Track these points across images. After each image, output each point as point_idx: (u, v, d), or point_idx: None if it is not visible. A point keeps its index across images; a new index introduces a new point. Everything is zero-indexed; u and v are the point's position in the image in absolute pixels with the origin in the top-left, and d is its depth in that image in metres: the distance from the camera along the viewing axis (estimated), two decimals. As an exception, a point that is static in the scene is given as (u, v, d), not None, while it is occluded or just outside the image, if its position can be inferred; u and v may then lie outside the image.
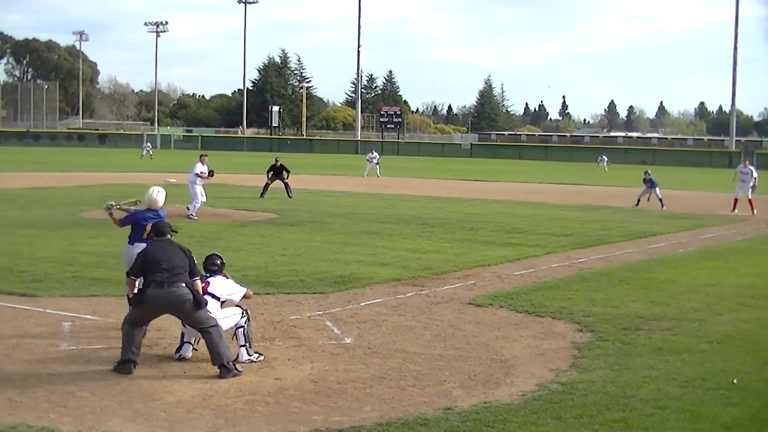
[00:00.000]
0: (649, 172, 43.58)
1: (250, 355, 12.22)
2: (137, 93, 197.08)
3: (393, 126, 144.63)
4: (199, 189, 31.92)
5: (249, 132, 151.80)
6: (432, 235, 27.35)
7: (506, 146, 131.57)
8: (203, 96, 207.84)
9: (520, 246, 25.12)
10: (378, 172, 62.55)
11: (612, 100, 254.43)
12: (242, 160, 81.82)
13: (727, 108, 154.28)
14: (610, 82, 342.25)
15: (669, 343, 13.53)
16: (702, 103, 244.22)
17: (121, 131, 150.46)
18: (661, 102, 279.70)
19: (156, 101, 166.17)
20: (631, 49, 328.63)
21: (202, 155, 33.92)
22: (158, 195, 14.38)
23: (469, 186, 54.90)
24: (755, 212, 37.81)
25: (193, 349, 12.51)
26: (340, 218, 31.42)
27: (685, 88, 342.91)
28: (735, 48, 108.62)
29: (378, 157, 64.63)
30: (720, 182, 47.13)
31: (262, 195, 39.31)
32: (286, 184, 40.20)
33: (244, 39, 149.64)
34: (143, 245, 13.24)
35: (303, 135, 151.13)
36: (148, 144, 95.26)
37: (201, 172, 32.20)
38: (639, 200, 41.83)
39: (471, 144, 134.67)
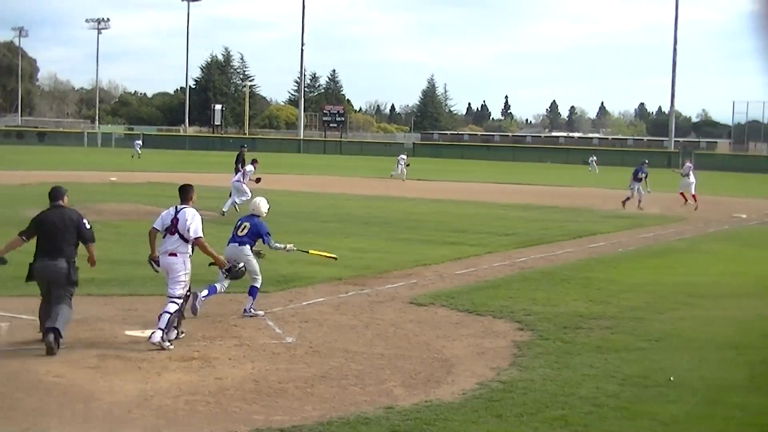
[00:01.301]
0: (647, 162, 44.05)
1: (162, 341, 12.73)
2: (78, 90, 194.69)
3: (336, 125, 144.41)
4: (246, 187, 33.50)
5: (191, 130, 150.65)
6: (374, 235, 27.38)
7: (449, 146, 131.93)
8: (145, 94, 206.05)
9: (462, 245, 25.22)
10: (404, 176, 60.77)
11: (554, 101, 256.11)
12: (184, 159, 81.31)
13: (666, 109, 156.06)
14: (552, 82, 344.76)
15: (608, 342, 13.67)
16: (642, 104, 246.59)
17: (61, 129, 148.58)
18: (602, 102, 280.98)
19: (97, 99, 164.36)
20: (573, 50, 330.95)
21: (254, 160, 35.53)
22: (261, 203, 16.80)
23: (411, 185, 54.98)
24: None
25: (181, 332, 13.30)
26: (281, 217, 31.27)
27: (626, 89, 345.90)
28: (674, 50, 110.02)
29: (407, 158, 63.60)
30: (659, 182, 47.61)
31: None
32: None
33: (187, 37, 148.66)
34: (235, 243, 15.67)
35: (246, 134, 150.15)
36: (139, 142, 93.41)
37: (249, 172, 34.06)
38: (639, 201, 40.54)
39: (414, 143, 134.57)
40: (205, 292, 15.13)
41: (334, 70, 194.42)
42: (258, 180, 34.21)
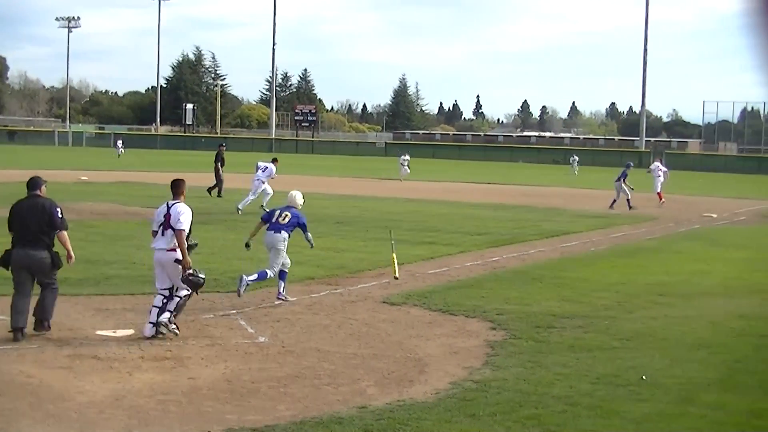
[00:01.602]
0: (631, 164, 43.53)
1: (168, 323, 13.38)
2: (48, 89, 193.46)
3: (308, 124, 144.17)
4: (266, 186, 34.35)
5: (163, 130, 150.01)
6: (347, 234, 27.37)
7: (421, 145, 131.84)
8: (116, 93, 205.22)
9: (435, 245, 25.25)
10: (403, 175, 60.65)
11: (525, 100, 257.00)
12: (156, 158, 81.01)
13: (637, 109, 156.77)
14: (524, 82, 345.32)
15: (581, 341, 13.71)
16: (613, 104, 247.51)
17: (32, 128, 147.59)
18: (574, 102, 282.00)
19: (68, 98, 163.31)
20: (545, 49, 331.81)
21: (274, 159, 36.82)
22: (297, 195, 17.82)
23: (383, 185, 55.00)
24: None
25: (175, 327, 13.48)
26: (253, 216, 31.16)
27: (597, 89, 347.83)
28: (645, 50, 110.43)
29: (407, 158, 63.17)
30: (632, 182, 47.91)
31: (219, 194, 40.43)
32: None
33: (158, 36, 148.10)
34: (272, 231, 16.77)
35: (217, 133, 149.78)
36: (121, 141, 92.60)
37: (270, 171, 34.89)
38: (629, 202, 40.18)
39: (386, 143, 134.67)
40: (253, 276, 16.25)
41: (305, 70, 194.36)
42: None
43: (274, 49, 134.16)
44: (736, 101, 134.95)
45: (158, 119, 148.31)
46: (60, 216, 13.54)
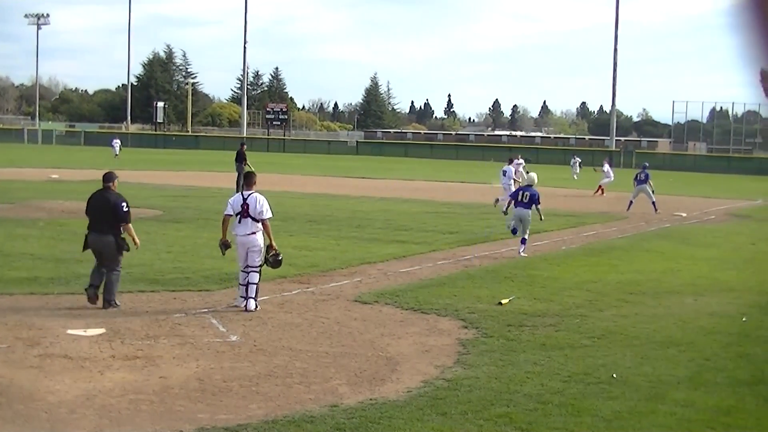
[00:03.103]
0: (647, 165, 42.73)
1: (256, 308, 15.37)
2: (18, 87, 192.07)
3: (279, 123, 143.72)
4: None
5: (133, 128, 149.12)
6: (318, 233, 27.35)
7: (392, 144, 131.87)
8: (86, 91, 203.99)
9: (406, 243, 25.28)
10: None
11: (496, 99, 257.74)
12: (126, 157, 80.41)
13: (607, 108, 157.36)
14: (495, 81, 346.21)
15: (552, 339, 13.77)
16: (584, 103, 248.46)
17: (1, 126, 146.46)
18: (545, 101, 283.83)
19: (37, 95, 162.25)
20: (516, 49, 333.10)
21: (510, 159, 40.34)
22: (534, 175, 25.36)
23: (355, 183, 54.93)
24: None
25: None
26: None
27: (568, 88, 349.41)
28: (615, 50, 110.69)
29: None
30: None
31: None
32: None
33: (129, 33, 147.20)
34: (521, 207, 23.89)
35: (188, 131, 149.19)
36: (117, 141, 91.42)
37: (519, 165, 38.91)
38: (631, 202, 39.73)
39: (357, 141, 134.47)
40: (522, 248, 23.54)
41: (277, 68, 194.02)
42: None
43: (245, 47, 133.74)
44: (705, 101, 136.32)
45: (129, 117, 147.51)
46: (125, 210, 15.67)
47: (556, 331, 14.41)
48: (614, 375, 11.61)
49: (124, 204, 15.72)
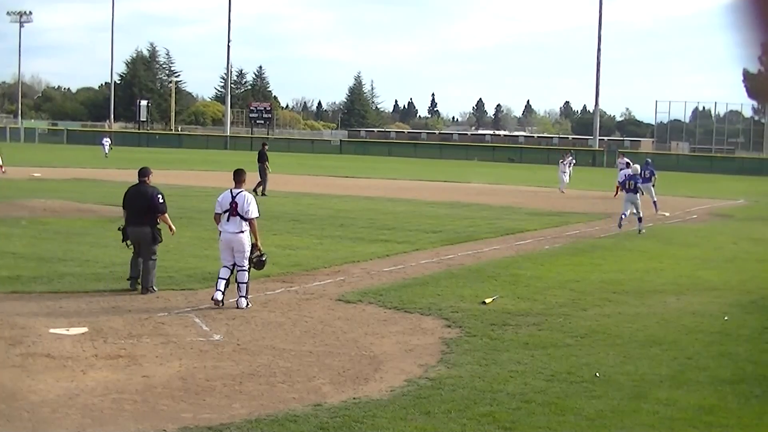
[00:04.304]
0: (650, 161, 42.07)
1: (247, 305, 15.57)
2: (0, 84, 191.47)
3: (263, 122, 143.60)
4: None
5: (116, 126, 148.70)
6: (302, 232, 27.33)
7: (376, 143, 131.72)
8: (69, 89, 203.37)
9: (390, 242, 25.28)
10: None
11: (480, 99, 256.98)
12: (110, 155, 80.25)
13: (591, 108, 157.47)
14: (479, 80, 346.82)
15: (535, 338, 13.80)
16: (567, 103, 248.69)
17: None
18: (528, 101, 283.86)
19: (20, 93, 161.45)
20: (499, 48, 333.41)
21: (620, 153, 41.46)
22: (638, 166, 32.47)
23: (339, 182, 54.88)
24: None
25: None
26: (209, 214, 30.98)
27: (551, 87, 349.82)
28: (599, 50, 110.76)
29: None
30: (586, 180, 48.46)
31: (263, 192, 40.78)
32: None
33: (112, 31, 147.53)
34: (631, 192, 30.04)
35: (171, 130, 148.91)
36: (107, 140, 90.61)
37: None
38: (655, 204, 38.64)
39: (341, 140, 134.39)
40: (641, 225, 29.68)
41: (260, 67, 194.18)
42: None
43: (229, 46, 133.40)
44: (688, 101, 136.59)
45: (112, 116, 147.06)
46: (161, 201, 17.02)
47: (540, 330, 14.44)
48: (597, 374, 11.65)
49: (160, 196, 17.11)
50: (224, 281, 15.62)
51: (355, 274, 19.80)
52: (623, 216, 30.52)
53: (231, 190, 16.15)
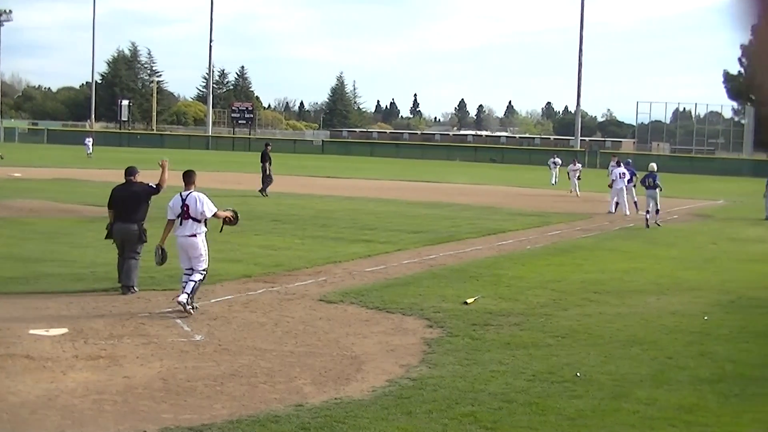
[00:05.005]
0: (630, 161, 41.91)
1: (188, 304, 14.84)
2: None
3: (245, 122, 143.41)
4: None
5: (98, 126, 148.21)
6: (284, 232, 27.31)
7: (358, 143, 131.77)
8: (50, 88, 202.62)
9: (372, 243, 25.28)
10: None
11: (462, 99, 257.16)
12: (92, 155, 79.98)
13: (572, 108, 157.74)
14: (461, 81, 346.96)
15: (517, 338, 13.82)
16: (549, 104, 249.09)
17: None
18: (510, 101, 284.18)
19: (0, 93, 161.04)
20: (481, 49, 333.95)
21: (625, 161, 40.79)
22: (654, 165, 34.39)
23: (321, 182, 54.87)
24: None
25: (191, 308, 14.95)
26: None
27: (533, 88, 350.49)
28: (580, 51, 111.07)
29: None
30: (566, 181, 48.47)
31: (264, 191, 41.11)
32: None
33: (93, 30, 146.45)
34: (651, 189, 32.78)
35: (153, 130, 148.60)
36: (90, 140, 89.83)
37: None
38: (648, 212, 36.03)
39: (323, 140, 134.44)
40: (657, 217, 32.06)
41: (242, 67, 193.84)
42: None
43: (210, 45, 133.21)
44: (669, 102, 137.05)
45: (93, 115, 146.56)
46: (151, 185, 17.17)
47: (521, 330, 14.46)
48: (578, 374, 11.68)
49: (149, 183, 17.33)
50: (194, 283, 15.33)
51: (337, 274, 19.79)
52: (647, 213, 33.34)
53: (181, 193, 15.72)
